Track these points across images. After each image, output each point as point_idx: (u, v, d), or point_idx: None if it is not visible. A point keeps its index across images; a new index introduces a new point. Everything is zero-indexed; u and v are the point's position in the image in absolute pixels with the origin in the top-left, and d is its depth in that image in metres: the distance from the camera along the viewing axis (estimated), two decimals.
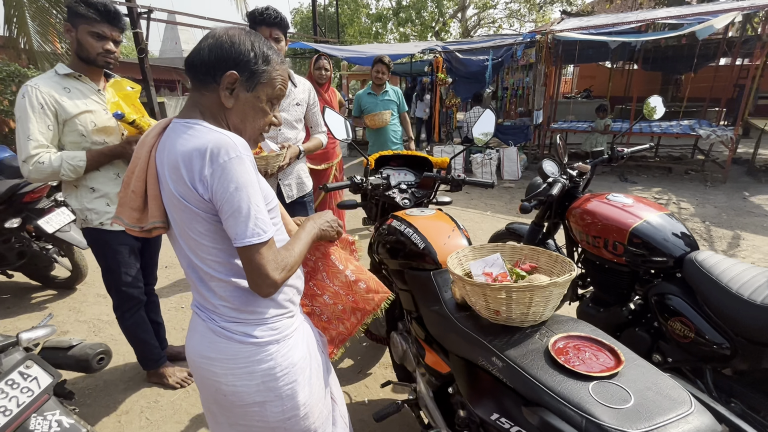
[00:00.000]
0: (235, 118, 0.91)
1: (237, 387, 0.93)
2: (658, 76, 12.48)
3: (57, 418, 1.30)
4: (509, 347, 0.86)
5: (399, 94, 3.90)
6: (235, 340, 0.92)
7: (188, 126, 0.84)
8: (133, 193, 0.91)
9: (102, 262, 1.84)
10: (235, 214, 0.80)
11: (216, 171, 0.79)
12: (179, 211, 0.86)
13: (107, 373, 2.26)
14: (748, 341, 1.32)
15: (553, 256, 1.07)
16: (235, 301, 0.91)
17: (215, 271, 0.89)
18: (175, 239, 0.94)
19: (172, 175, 0.83)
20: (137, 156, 0.91)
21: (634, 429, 0.63)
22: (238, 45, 0.86)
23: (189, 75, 0.89)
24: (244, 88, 0.88)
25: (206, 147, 0.79)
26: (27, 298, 3.11)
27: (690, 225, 4.44)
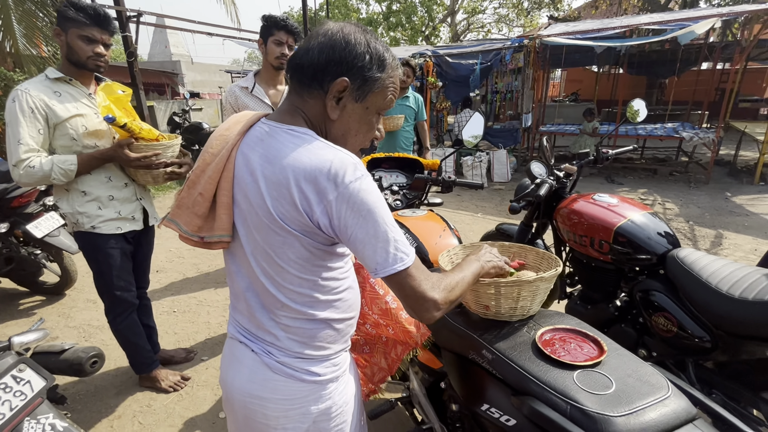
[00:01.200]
0: (338, 131, 0.79)
1: (287, 430, 0.83)
2: (642, 80, 12.78)
3: (50, 422, 1.30)
4: (498, 340, 0.90)
5: (419, 102, 3.80)
6: (296, 377, 0.81)
7: (296, 135, 0.73)
8: (200, 196, 0.79)
9: (93, 266, 1.83)
10: (371, 241, 0.69)
11: (343, 195, 0.68)
12: (269, 232, 0.74)
13: (99, 378, 2.24)
14: (728, 334, 1.38)
15: (540, 253, 1.11)
16: (304, 334, 0.81)
17: (291, 301, 0.78)
18: (240, 256, 0.81)
19: (274, 192, 0.71)
20: (212, 152, 0.78)
21: (615, 413, 0.67)
22: (354, 46, 0.73)
23: (293, 77, 0.77)
24: (353, 98, 0.76)
25: (329, 167, 0.68)
26: (15, 304, 3.06)
27: (675, 225, 4.55)
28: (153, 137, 1.73)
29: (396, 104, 3.73)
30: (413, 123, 3.85)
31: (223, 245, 0.82)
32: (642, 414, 0.66)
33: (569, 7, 16.88)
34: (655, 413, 0.67)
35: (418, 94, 3.89)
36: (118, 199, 1.78)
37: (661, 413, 0.67)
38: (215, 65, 20.37)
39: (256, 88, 2.05)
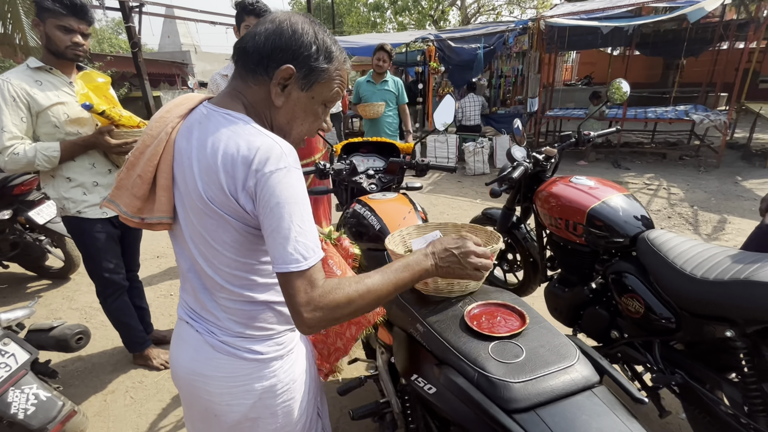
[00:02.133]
0: (282, 118, 0.79)
1: (232, 406, 0.85)
2: (659, 61, 12.35)
3: (34, 392, 1.39)
4: (431, 315, 0.92)
5: (399, 85, 3.80)
6: (237, 356, 0.82)
7: (230, 120, 0.73)
8: (139, 177, 0.78)
9: (82, 250, 1.91)
10: (273, 233, 0.68)
11: (260, 182, 0.68)
12: (203, 215, 0.74)
13: (96, 357, 2.36)
14: (690, 314, 1.37)
15: (488, 232, 1.12)
16: (243, 315, 0.82)
17: (228, 283, 0.79)
18: (181, 238, 0.82)
19: (205, 176, 0.72)
20: (151, 134, 0.77)
21: (516, 379, 0.69)
22: (301, 36, 0.73)
23: (238, 61, 0.77)
24: (298, 86, 0.76)
25: (255, 153, 0.68)
26: (22, 287, 3.22)
27: (678, 210, 4.46)
28: (134, 124, 1.78)
29: (375, 90, 3.75)
30: (396, 107, 3.85)
31: (164, 227, 0.82)
32: (541, 381, 0.69)
33: None
34: (554, 380, 0.69)
35: (396, 77, 3.88)
36: (102, 185, 1.84)
37: (561, 380, 0.69)
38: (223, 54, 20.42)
39: None
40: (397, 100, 3.81)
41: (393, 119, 3.85)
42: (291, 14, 0.77)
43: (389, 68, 3.76)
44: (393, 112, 3.84)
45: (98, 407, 1.99)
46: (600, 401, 0.66)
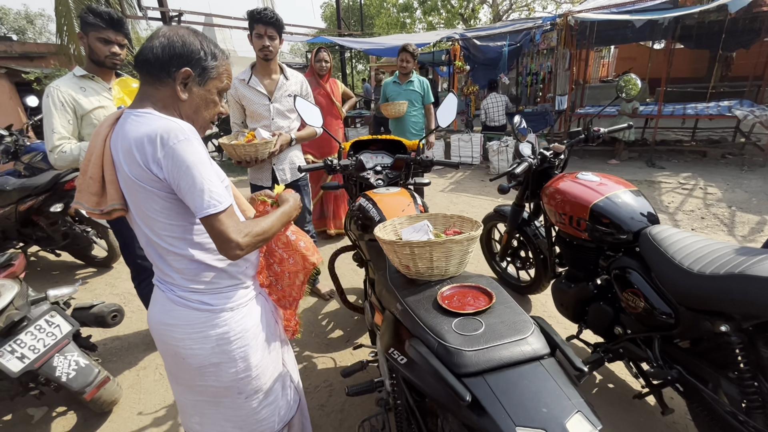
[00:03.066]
0: (188, 110, 0.99)
1: (194, 350, 1.02)
2: (704, 54, 11.61)
3: (75, 359, 1.59)
4: (410, 296, 1.00)
5: (425, 85, 3.82)
6: (192, 307, 1.01)
7: (138, 115, 0.92)
8: (90, 179, 0.98)
9: (119, 238, 2.13)
10: (191, 189, 0.87)
11: (168, 153, 0.87)
12: (135, 192, 0.93)
13: (132, 336, 2.60)
14: (687, 309, 1.37)
15: (474, 222, 1.18)
16: (190, 273, 1.00)
17: (171, 246, 0.98)
18: (133, 220, 1.02)
19: (127, 159, 0.91)
20: (93, 145, 0.98)
21: (469, 348, 0.75)
22: (189, 44, 0.95)
23: (142, 71, 0.96)
24: (196, 83, 0.97)
25: (156, 132, 0.87)
26: (71, 274, 3.56)
27: (714, 210, 4.24)
28: None
29: (400, 90, 3.79)
30: (421, 107, 3.85)
31: (119, 213, 1.01)
32: (493, 350, 0.74)
33: None
34: (505, 351, 0.74)
35: (423, 78, 3.88)
36: None
37: (510, 351, 0.74)
38: None
39: (252, 79, 2.22)
40: (422, 99, 3.82)
41: (418, 118, 3.86)
42: (177, 28, 0.98)
43: (414, 68, 3.78)
44: (418, 111, 3.84)
45: (132, 380, 2.20)
46: (545, 370, 0.71)
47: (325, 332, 2.52)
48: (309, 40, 10.03)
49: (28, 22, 25.65)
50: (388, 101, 3.84)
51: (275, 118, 2.31)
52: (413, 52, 3.65)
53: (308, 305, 2.83)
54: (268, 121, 2.30)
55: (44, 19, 26.67)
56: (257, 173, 2.38)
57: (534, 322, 0.83)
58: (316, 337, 2.48)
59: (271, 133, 2.23)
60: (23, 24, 25.21)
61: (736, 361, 1.25)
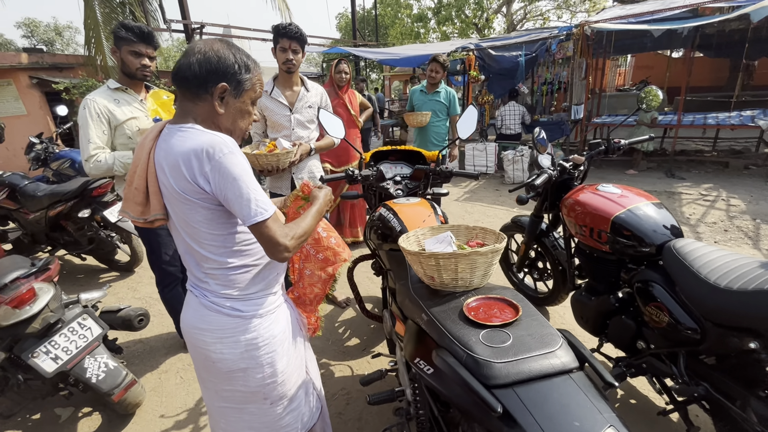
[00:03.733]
0: (226, 122, 1.03)
1: (224, 354, 1.06)
2: (725, 63, 11.41)
3: (105, 361, 1.65)
4: (435, 306, 1.01)
5: (451, 96, 3.81)
6: (224, 313, 1.05)
7: (183, 130, 0.97)
8: (135, 189, 1.04)
9: (146, 244, 2.20)
10: (238, 200, 0.92)
11: (215, 167, 0.91)
12: (179, 204, 0.97)
13: (153, 340, 2.66)
14: (714, 325, 1.34)
15: (497, 234, 1.20)
16: (224, 279, 1.04)
17: (210, 253, 1.02)
18: (174, 228, 1.06)
19: (173, 173, 0.94)
20: (138, 157, 1.04)
21: (498, 360, 0.76)
22: (225, 59, 0.98)
23: (180, 88, 1.00)
24: (232, 96, 1.01)
25: (202, 147, 0.91)
26: (96, 277, 3.67)
27: (737, 223, 4.13)
28: None
29: (426, 99, 3.81)
30: (446, 118, 3.85)
31: (161, 222, 1.07)
32: (522, 362, 0.75)
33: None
34: (534, 363, 0.75)
35: (451, 89, 3.88)
36: None
37: (540, 363, 0.75)
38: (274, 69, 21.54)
39: (275, 90, 2.29)
40: (447, 111, 3.82)
41: (441, 129, 3.85)
42: (211, 42, 1.00)
43: (443, 78, 3.76)
44: (442, 122, 3.84)
45: (154, 383, 2.25)
46: (574, 384, 0.72)
47: (342, 340, 2.54)
48: (325, 50, 10.21)
49: (56, 34, 26.77)
50: (414, 110, 3.86)
51: (296, 128, 2.37)
52: (443, 62, 3.65)
53: (324, 312, 2.86)
54: (288, 131, 2.36)
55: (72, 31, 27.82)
56: (277, 182, 2.43)
57: (561, 336, 0.83)
58: (333, 344, 2.49)
59: (292, 142, 2.28)
60: (52, 36, 26.32)
61: (766, 380, 1.22)
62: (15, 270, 1.51)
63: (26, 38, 25.82)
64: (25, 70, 7.17)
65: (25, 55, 7.29)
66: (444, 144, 3.93)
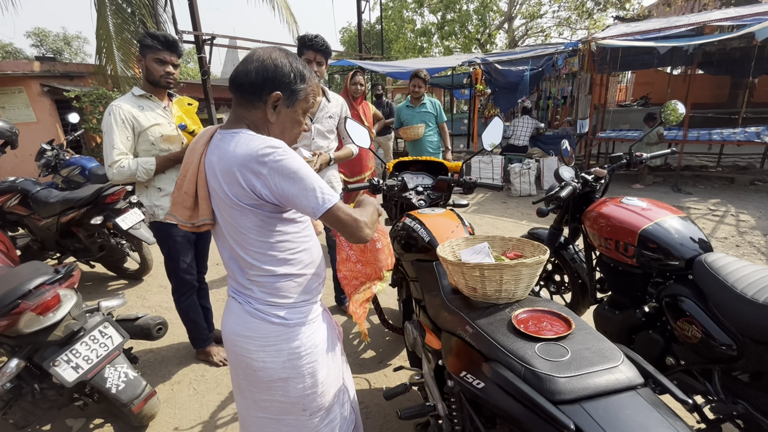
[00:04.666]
0: (277, 130, 1.03)
1: (266, 363, 1.04)
2: (725, 80, 11.57)
3: (125, 371, 1.61)
4: (480, 318, 0.99)
5: (437, 106, 4.05)
6: (267, 320, 1.03)
7: (235, 135, 0.96)
8: (185, 194, 1.04)
9: (164, 251, 2.18)
10: (304, 193, 0.91)
11: (272, 168, 0.90)
12: (230, 210, 0.97)
13: (165, 350, 2.61)
14: (753, 341, 1.32)
15: (536, 245, 1.18)
16: (270, 287, 1.03)
17: (256, 261, 1.01)
18: (220, 234, 1.06)
19: (226, 179, 0.93)
20: (188, 161, 1.04)
21: (561, 375, 0.74)
22: (281, 67, 0.97)
23: (236, 94, 0.99)
24: (285, 105, 1.00)
25: (256, 151, 0.90)
26: (104, 285, 3.63)
27: (749, 238, 4.12)
28: None
29: (414, 113, 3.98)
30: (435, 126, 4.06)
31: (208, 226, 1.06)
32: (586, 377, 0.73)
33: (639, 6, 15.76)
34: (599, 378, 0.73)
35: (434, 99, 4.12)
36: None
37: (605, 378, 0.73)
38: None
39: None
40: (435, 119, 4.05)
41: (433, 138, 4.08)
42: (270, 50, 1.00)
43: (426, 91, 4.03)
44: (433, 131, 4.07)
45: (166, 395, 2.20)
46: (643, 400, 0.69)
47: (358, 352, 2.50)
48: (332, 63, 10.34)
49: (65, 43, 27.15)
50: (403, 125, 4.07)
51: (315, 138, 2.38)
52: (424, 77, 3.93)
53: (339, 323, 2.82)
54: (308, 141, 2.37)
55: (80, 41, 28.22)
56: None
57: (620, 350, 0.81)
58: (349, 356, 2.45)
59: (312, 152, 2.28)
60: (61, 45, 26.69)
61: None
62: (38, 276, 1.49)
63: (35, 47, 26.20)
64: (36, 78, 7.24)
65: (37, 64, 7.36)
66: (439, 153, 4.06)
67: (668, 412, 0.68)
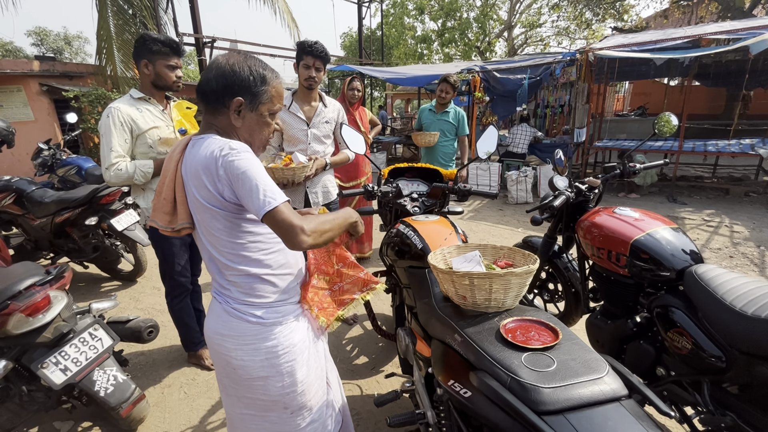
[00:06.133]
0: (245, 134, 1.06)
1: (245, 361, 1.07)
2: (721, 92, 11.69)
3: (114, 374, 1.60)
4: (469, 327, 0.99)
5: (460, 116, 3.82)
6: (245, 319, 1.06)
7: (202, 140, 1.01)
8: (164, 200, 1.08)
9: (159, 253, 2.17)
10: (249, 193, 0.93)
11: (227, 168, 0.93)
12: (202, 212, 1.01)
13: (156, 353, 2.59)
14: (741, 353, 1.33)
15: (526, 254, 1.19)
16: (245, 287, 1.06)
17: (230, 261, 1.04)
18: (198, 237, 1.10)
19: (195, 182, 0.98)
20: (166, 169, 1.07)
21: (546, 385, 0.74)
22: (239, 72, 0.99)
23: (202, 102, 1.03)
24: (248, 109, 1.03)
25: (214, 152, 0.95)
26: (97, 286, 3.61)
27: (742, 249, 4.15)
28: None
29: (434, 119, 3.83)
30: (454, 138, 3.87)
31: (187, 230, 1.10)
32: (570, 388, 0.73)
33: (638, 17, 15.95)
34: (583, 389, 0.73)
35: (460, 109, 3.90)
36: None
37: (589, 390, 0.73)
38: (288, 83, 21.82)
39: (293, 105, 2.32)
40: (456, 131, 3.83)
41: (449, 149, 3.86)
42: (228, 56, 1.03)
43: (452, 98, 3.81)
44: (450, 142, 3.85)
45: (156, 398, 2.18)
46: (627, 412, 0.70)
47: (350, 358, 2.49)
48: (332, 68, 10.40)
49: (66, 43, 27.17)
50: (422, 129, 3.87)
51: (312, 142, 2.39)
52: (454, 83, 3.68)
53: (331, 329, 2.81)
54: (304, 145, 2.37)
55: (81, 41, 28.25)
56: (291, 195, 2.43)
57: (606, 361, 0.82)
58: (341, 362, 2.44)
59: (308, 157, 2.29)
60: (61, 45, 26.71)
61: None
62: (29, 277, 1.48)
63: (35, 46, 26.20)
64: (35, 77, 7.24)
65: (37, 63, 7.37)
66: (451, 164, 3.96)
67: (651, 424, 0.68)
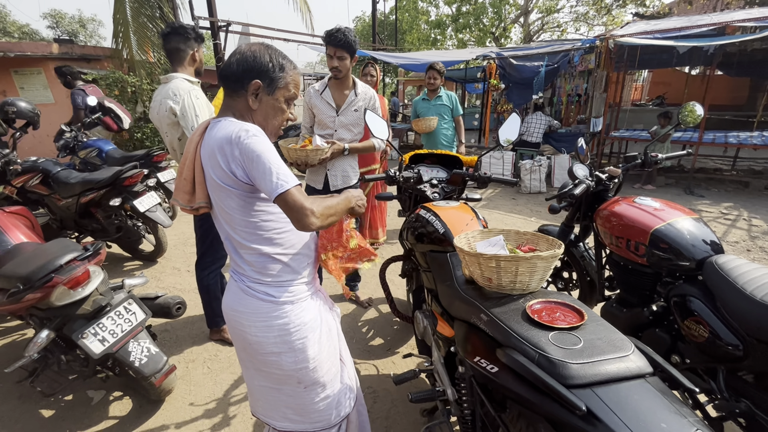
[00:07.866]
0: (260, 117, 1.11)
1: (258, 337, 1.13)
2: (745, 82, 11.33)
3: (147, 346, 1.68)
4: (495, 307, 1.03)
5: (453, 99, 4.04)
6: (257, 297, 1.12)
7: (219, 122, 1.05)
8: (184, 179, 1.13)
9: (201, 229, 2.22)
10: (262, 175, 0.97)
11: (242, 149, 0.98)
12: (217, 191, 1.06)
13: (179, 329, 2.70)
14: (759, 341, 1.35)
15: (550, 240, 1.21)
16: (259, 265, 1.11)
17: (244, 240, 1.09)
18: (216, 216, 1.15)
19: (211, 162, 1.03)
20: (187, 150, 1.12)
21: (574, 361, 0.78)
22: (259, 58, 1.06)
23: (223, 85, 1.10)
24: (265, 93, 1.08)
25: (231, 134, 0.99)
26: (120, 266, 3.73)
27: (760, 243, 4.10)
28: None
29: (429, 106, 3.98)
30: (451, 119, 4.05)
31: (205, 209, 1.15)
32: (597, 365, 0.77)
33: (660, 3, 15.41)
34: (610, 365, 0.77)
35: (450, 92, 4.10)
36: None
37: (615, 366, 0.76)
38: None
39: (326, 91, 2.36)
40: (452, 112, 4.04)
41: (448, 131, 4.07)
42: (251, 45, 1.09)
43: (442, 84, 4.03)
44: (449, 124, 4.05)
45: (182, 372, 2.28)
46: (652, 388, 0.73)
47: (366, 339, 2.56)
48: None
49: (81, 26, 27.30)
50: (419, 117, 4.07)
51: (338, 129, 2.41)
52: (440, 69, 3.91)
53: (347, 311, 2.88)
54: (332, 131, 2.41)
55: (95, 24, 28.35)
56: (313, 175, 2.51)
57: (631, 341, 0.85)
58: (358, 343, 2.52)
59: (327, 141, 2.32)
60: (76, 27, 26.85)
61: None
62: (69, 252, 1.56)
63: (51, 29, 26.39)
64: (54, 59, 7.32)
65: (56, 46, 7.45)
66: (452, 146, 4.07)
67: (675, 399, 0.72)
